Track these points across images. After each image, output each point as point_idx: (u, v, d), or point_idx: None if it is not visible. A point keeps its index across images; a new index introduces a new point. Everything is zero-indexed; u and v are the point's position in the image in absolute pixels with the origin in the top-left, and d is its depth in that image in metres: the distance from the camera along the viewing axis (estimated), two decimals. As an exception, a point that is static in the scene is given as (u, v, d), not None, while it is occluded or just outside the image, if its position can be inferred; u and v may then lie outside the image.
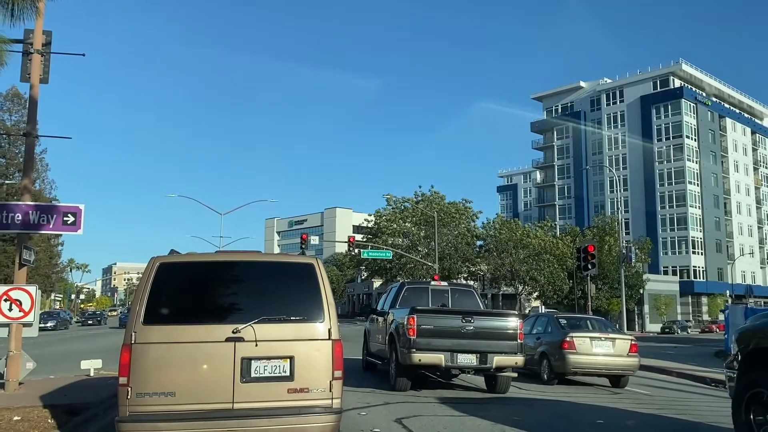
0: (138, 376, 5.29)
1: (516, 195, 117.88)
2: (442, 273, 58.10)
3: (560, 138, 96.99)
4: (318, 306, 5.81)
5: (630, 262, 48.84)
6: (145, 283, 5.65)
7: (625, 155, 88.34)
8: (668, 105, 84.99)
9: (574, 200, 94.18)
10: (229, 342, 5.50)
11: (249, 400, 5.41)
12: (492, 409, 9.40)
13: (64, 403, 8.76)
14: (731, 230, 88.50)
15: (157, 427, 5.19)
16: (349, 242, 53.57)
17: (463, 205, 66.95)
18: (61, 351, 22.68)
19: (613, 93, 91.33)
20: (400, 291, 13.54)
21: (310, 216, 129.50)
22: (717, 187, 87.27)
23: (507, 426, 7.93)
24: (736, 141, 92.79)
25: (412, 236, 65.91)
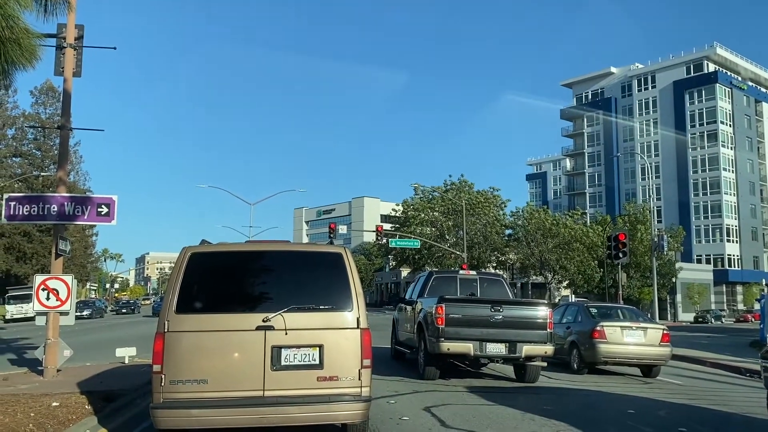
0: (171, 364, 5.41)
1: (545, 183, 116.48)
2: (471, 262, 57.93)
3: (590, 125, 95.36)
4: (347, 295, 5.86)
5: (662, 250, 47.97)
6: (177, 273, 5.76)
7: (657, 142, 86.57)
8: (702, 90, 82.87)
9: (604, 188, 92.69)
10: (259, 330, 5.60)
11: (279, 387, 5.50)
12: (521, 399, 9.38)
13: (101, 389, 8.98)
14: (767, 218, 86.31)
15: (190, 414, 5.31)
16: (377, 231, 53.67)
17: (492, 193, 66.61)
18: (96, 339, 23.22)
19: (645, 78, 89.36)
20: (429, 280, 13.54)
21: (338, 205, 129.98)
22: (753, 173, 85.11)
23: (536, 415, 7.91)
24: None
25: (440, 225, 65.80)
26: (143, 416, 7.25)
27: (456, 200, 61.36)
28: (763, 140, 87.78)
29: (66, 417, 7.18)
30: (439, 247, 60.70)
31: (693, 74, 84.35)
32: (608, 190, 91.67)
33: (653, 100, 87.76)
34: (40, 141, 57.82)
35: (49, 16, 8.11)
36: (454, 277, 13.64)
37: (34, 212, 11.31)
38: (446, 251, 60.21)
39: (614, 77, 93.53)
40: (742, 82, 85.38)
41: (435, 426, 7.17)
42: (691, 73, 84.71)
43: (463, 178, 67.16)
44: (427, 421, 7.47)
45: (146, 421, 6.66)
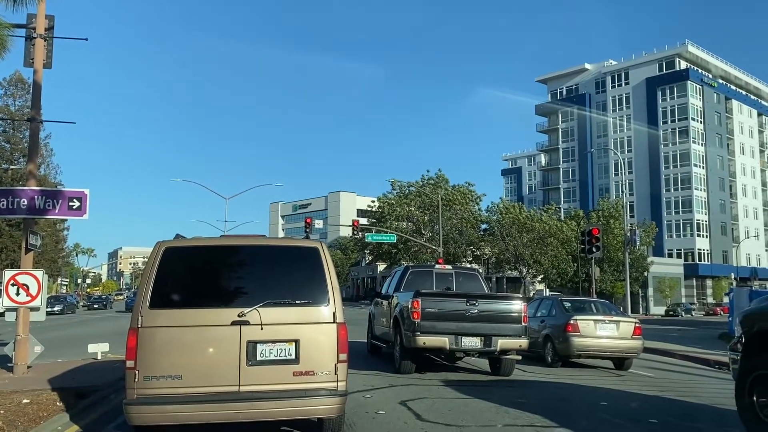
0: (145, 360, 5.35)
1: (520, 178, 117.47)
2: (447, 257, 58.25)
3: (565, 121, 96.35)
4: (323, 290, 5.84)
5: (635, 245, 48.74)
6: (151, 268, 5.69)
7: (630, 138, 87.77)
8: (674, 87, 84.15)
9: (578, 183, 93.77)
10: (234, 325, 5.56)
11: (255, 382, 5.48)
12: (496, 392, 9.46)
13: (72, 386, 8.84)
14: (736, 213, 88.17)
15: (165, 410, 5.25)
16: (354, 226, 53.64)
17: (467, 188, 67.05)
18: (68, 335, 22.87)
19: (618, 75, 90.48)
20: (405, 274, 13.57)
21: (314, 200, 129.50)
22: (723, 170, 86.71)
23: (510, 408, 7.98)
24: (743, 123, 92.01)
25: (416, 220, 66.05)
26: (116, 412, 7.17)
27: (432, 195, 61.63)
28: (733, 137, 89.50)
29: (37, 414, 7.06)
30: (415, 241, 60.93)
31: (665, 71, 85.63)
32: (582, 186, 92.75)
33: (626, 96, 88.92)
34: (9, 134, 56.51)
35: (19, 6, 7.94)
36: (430, 272, 13.68)
37: (3, 206, 11.05)
38: (422, 246, 60.44)
39: (588, 74, 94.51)
40: (712, 80, 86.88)
41: (410, 419, 7.20)
42: (664, 70, 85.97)
43: (440, 173, 67.59)
44: (403, 414, 7.50)
45: (120, 417, 6.59)
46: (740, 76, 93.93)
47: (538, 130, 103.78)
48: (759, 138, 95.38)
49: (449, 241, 62.53)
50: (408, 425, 6.90)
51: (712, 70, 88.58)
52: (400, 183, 68.87)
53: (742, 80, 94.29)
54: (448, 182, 67.13)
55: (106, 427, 6.99)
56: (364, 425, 6.86)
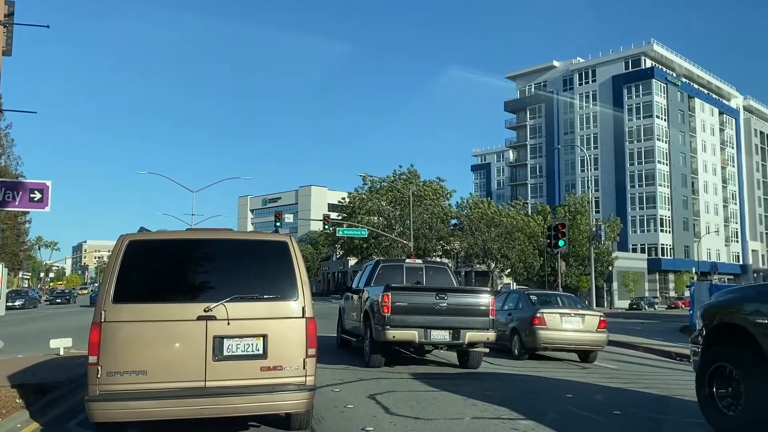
0: (108, 355, 5.23)
1: (489, 174, 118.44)
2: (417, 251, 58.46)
3: (533, 117, 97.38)
4: (292, 284, 5.78)
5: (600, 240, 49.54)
6: (114, 261, 5.56)
7: (596, 134, 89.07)
8: (639, 85, 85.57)
9: (545, 179, 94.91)
10: (200, 320, 5.47)
11: (221, 378, 5.40)
12: (464, 384, 9.51)
13: (33, 382, 8.62)
14: (698, 209, 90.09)
15: (128, 406, 5.14)
16: (325, 220, 53.44)
17: (438, 183, 67.40)
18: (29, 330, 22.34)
19: (586, 72, 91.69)
20: (375, 269, 13.55)
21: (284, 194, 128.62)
22: (685, 166, 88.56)
23: (478, 400, 8.03)
24: (704, 121, 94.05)
25: (387, 215, 66.13)
26: (79, 409, 7.00)
27: (404, 190, 61.75)
28: (695, 135, 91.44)
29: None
30: (387, 236, 61.01)
31: (631, 69, 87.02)
32: (549, 181, 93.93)
33: (593, 93, 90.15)
34: (-32, 123, 54.86)
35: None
36: (401, 266, 13.69)
37: (-40, 198, 10.74)
38: (393, 240, 60.54)
39: (556, 71, 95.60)
40: (676, 79, 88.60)
41: (379, 413, 7.19)
42: (630, 68, 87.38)
43: (412, 168, 67.78)
44: (372, 408, 7.49)
45: (82, 413, 6.43)
46: (702, 75, 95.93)
47: (506, 126, 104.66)
48: (720, 136, 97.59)
49: (420, 236, 62.81)
50: (376, 419, 6.88)
51: (676, 69, 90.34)
52: (371, 178, 68.91)
53: (705, 79, 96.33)
54: (420, 177, 67.43)
55: (67, 424, 6.82)
56: (332, 419, 6.83)
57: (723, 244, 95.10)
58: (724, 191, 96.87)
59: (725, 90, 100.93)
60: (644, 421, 7.32)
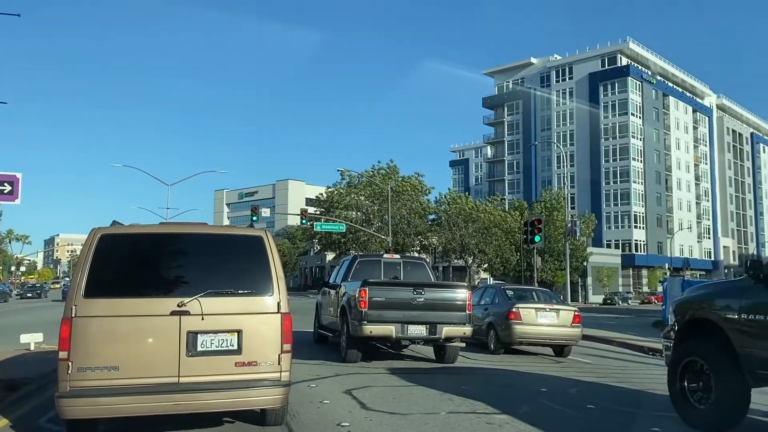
0: (79, 350, 5.13)
1: (467, 169, 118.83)
2: (395, 246, 58.61)
3: (510, 114, 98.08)
4: (267, 279, 5.72)
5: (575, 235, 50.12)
6: (86, 255, 5.45)
7: (573, 131, 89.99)
8: (615, 83, 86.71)
9: (522, 175, 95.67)
10: (174, 315, 5.39)
11: (195, 374, 5.33)
12: (440, 379, 9.53)
13: (2, 378, 8.44)
14: (671, 205, 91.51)
15: (100, 402, 5.05)
16: (302, 215, 53.16)
17: (417, 179, 67.42)
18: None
19: (563, 70, 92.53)
20: (353, 264, 13.50)
21: (261, 188, 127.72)
22: (659, 163, 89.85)
23: (454, 395, 8.06)
24: (678, 119, 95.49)
25: (365, 210, 66.00)
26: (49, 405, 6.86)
27: (382, 185, 61.70)
28: (669, 132, 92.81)
29: (-37, 408, 6.70)
30: (365, 231, 61.04)
31: (608, 67, 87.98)
32: (526, 177, 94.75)
33: (570, 90, 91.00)
34: (-64, 114, 53.61)
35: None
36: (378, 261, 13.66)
37: (-73, 190, 10.46)
38: (372, 235, 60.51)
39: (534, 68, 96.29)
40: (651, 77, 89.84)
41: (355, 408, 7.18)
42: (606, 65, 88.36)
43: (392, 163, 67.65)
44: (348, 403, 7.47)
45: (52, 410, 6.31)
46: (677, 74, 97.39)
47: (484, 122, 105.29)
48: (693, 134, 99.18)
49: (398, 231, 62.91)
50: (352, 414, 6.87)
51: (651, 67, 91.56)
52: (349, 173, 68.69)
53: (679, 77, 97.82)
54: (399, 173, 67.39)
55: (37, 420, 6.69)
56: (308, 415, 6.80)
57: (695, 241, 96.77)
58: (696, 188, 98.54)
59: (699, 88, 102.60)
60: (617, 415, 7.41)
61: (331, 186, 70.12)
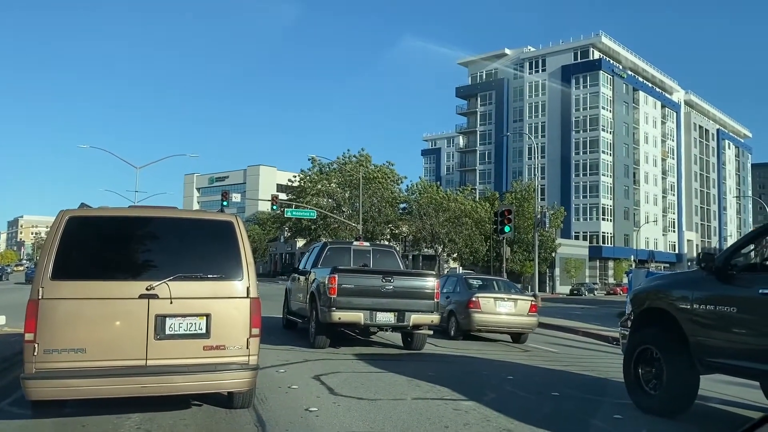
0: (45, 332, 5.10)
1: (439, 159, 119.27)
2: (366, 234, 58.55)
3: (483, 104, 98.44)
4: (237, 264, 5.75)
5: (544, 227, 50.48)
6: (53, 237, 5.40)
7: (544, 123, 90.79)
8: (587, 76, 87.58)
9: (494, 165, 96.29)
10: (142, 299, 5.39)
11: (163, 357, 5.35)
12: (408, 365, 9.64)
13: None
14: (638, 199, 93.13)
15: (66, 384, 5.04)
16: (273, 201, 52.83)
17: (388, 167, 67.39)
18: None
19: (536, 62, 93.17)
20: (323, 251, 13.55)
21: (232, 173, 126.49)
22: (628, 157, 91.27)
23: (422, 381, 8.17)
24: (648, 114, 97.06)
25: (336, 197, 65.82)
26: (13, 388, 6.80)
27: (353, 173, 61.57)
28: (638, 126, 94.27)
29: None
30: (335, 218, 60.90)
31: (580, 60, 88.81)
32: (497, 168, 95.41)
33: (543, 83, 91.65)
34: None
35: None
36: (348, 248, 13.75)
37: None
38: (342, 223, 60.44)
39: (508, 59, 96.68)
40: (622, 71, 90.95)
41: (323, 393, 7.24)
42: (578, 59, 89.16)
43: (363, 152, 67.43)
44: (316, 389, 7.53)
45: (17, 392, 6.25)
46: (647, 69, 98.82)
47: (457, 112, 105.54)
48: (661, 129, 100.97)
49: (368, 218, 62.84)
50: (320, 399, 6.93)
51: (622, 62, 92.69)
52: (320, 161, 68.29)
53: (649, 73, 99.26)
54: (371, 161, 67.24)
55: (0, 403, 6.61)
56: (276, 400, 6.84)
57: (661, 234, 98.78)
58: (663, 182, 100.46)
59: (668, 84, 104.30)
60: (581, 402, 7.60)
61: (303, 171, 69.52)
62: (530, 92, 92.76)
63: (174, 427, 5.49)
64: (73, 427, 5.43)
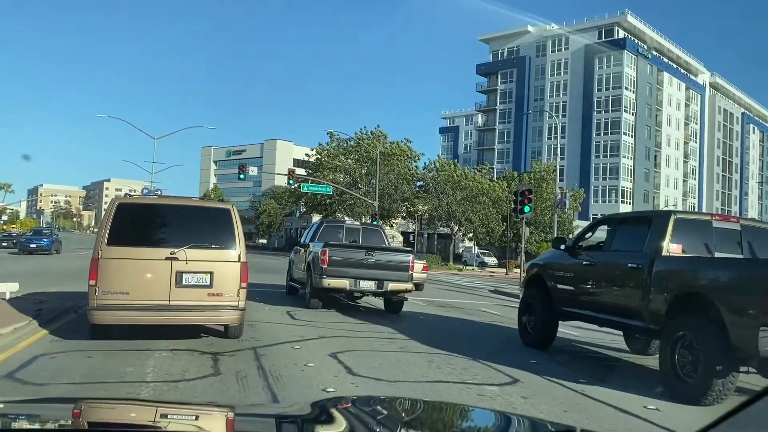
0: (103, 280, 7.73)
1: (457, 137, 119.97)
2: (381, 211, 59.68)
3: (504, 82, 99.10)
4: (231, 238, 8.37)
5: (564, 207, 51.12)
6: (108, 217, 8.09)
7: (565, 103, 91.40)
8: (611, 55, 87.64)
9: (512, 145, 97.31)
10: (167, 260, 8.01)
11: (180, 299, 7.98)
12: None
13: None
14: (659, 182, 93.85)
15: (116, 314, 7.73)
16: (290, 175, 53.84)
17: (406, 144, 67.90)
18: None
19: (559, 40, 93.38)
20: (320, 227, 16.24)
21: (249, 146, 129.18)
22: (649, 139, 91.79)
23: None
24: (671, 96, 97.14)
25: (353, 173, 66.85)
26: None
27: (371, 148, 62.57)
28: (662, 108, 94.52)
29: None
30: (351, 194, 61.99)
31: (604, 39, 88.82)
32: (516, 147, 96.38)
33: (565, 61, 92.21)
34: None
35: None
36: (341, 226, 16.41)
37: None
38: (358, 199, 61.51)
39: (530, 36, 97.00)
40: (647, 51, 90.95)
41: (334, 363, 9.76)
42: (602, 38, 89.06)
43: (378, 129, 68.14)
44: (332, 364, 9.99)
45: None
46: (673, 49, 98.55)
47: (477, 89, 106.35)
48: (685, 111, 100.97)
49: (385, 195, 63.61)
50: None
51: (647, 41, 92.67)
52: (338, 135, 69.13)
53: (674, 54, 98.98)
54: (387, 138, 67.93)
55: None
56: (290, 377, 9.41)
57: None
58: (685, 166, 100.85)
59: (693, 65, 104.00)
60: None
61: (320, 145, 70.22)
62: (552, 71, 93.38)
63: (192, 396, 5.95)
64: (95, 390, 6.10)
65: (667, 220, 7.74)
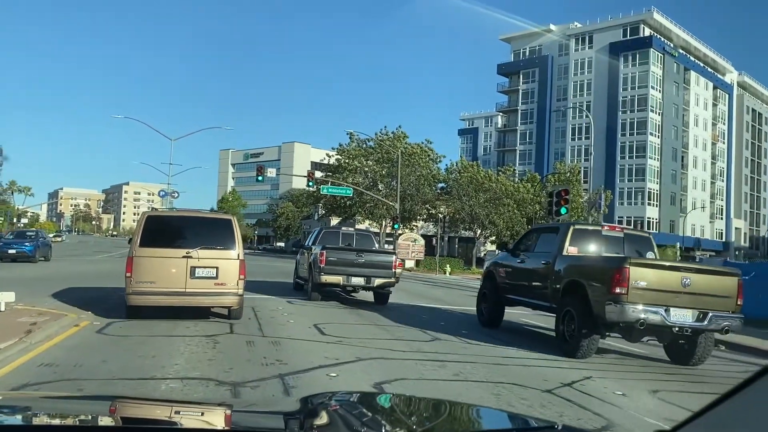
0: (136, 273, 10.57)
1: (476, 139, 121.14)
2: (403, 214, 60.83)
3: (526, 82, 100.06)
4: (232, 241, 11.27)
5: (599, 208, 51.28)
6: (140, 225, 11.05)
7: (589, 103, 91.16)
8: (636, 54, 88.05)
9: (535, 146, 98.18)
10: (184, 258, 10.84)
11: (194, 287, 10.82)
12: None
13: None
14: (686, 184, 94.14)
15: (145, 298, 10.61)
16: (309, 177, 55.31)
17: (426, 146, 68.27)
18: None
19: (583, 38, 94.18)
20: (320, 233, 19.33)
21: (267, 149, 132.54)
22: (676, 140, 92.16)
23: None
24: (699, 95, 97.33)
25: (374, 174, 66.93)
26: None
27: (392, 149, 63.13)
28: (688, 108, 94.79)
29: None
30: (372, 196, 62.07)
31: (629, 37, 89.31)
32: (538, 148, 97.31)
33: (589, 60, 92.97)
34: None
35: None
36: (338, 232, 19.49)
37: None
38: (379, 201, 61.52)
39: (553, 35, 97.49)
40: (674, 49, 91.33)
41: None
42: (628, 36, 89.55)
43: (399, 130, 68.27)
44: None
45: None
46: (700, 48, 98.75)
47: (498, 90, 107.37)
48: (712, 111, 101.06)
49: (406, 197, 63.71)
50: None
51: (674, 40, 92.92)
52: (357, 136, 69.53)
53: (701, 52, 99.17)
54: (408, 138, 68.01)
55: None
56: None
57: (707, 221, 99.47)
58: (712, 167, 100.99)
59: (721, 64, 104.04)
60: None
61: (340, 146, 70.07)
62: (576, 70, 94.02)
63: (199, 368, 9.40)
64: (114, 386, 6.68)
65: (568, 229, 10.75)
